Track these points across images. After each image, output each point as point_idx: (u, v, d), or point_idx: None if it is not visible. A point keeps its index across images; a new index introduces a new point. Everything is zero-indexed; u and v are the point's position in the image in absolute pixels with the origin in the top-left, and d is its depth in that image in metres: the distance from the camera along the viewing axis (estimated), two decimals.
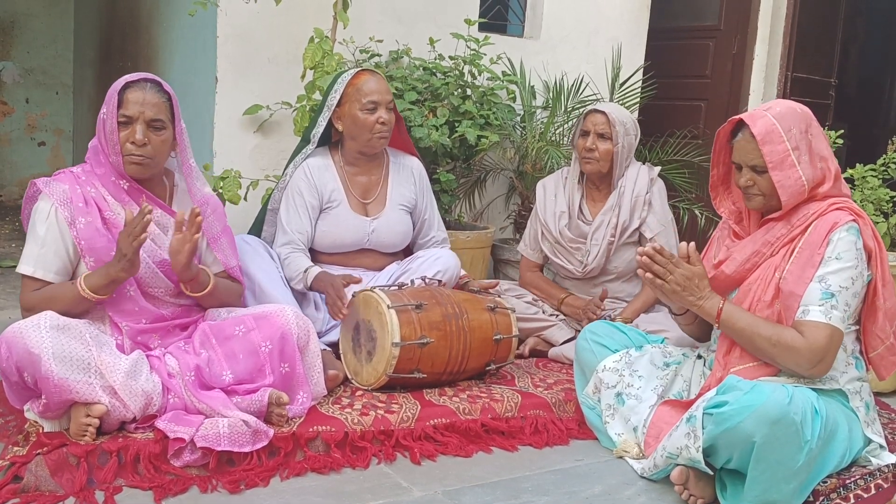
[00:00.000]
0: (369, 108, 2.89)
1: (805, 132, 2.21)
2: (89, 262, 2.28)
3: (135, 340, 2.32)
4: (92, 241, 2.27)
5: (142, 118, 2.28)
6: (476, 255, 3.80)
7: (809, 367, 2.13)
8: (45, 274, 2.27)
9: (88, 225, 2.27)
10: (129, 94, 2.29)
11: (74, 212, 2.27)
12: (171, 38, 4.23)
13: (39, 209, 2.29)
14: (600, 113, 3.21)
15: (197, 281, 2.38)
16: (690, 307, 2.28)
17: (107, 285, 2.24)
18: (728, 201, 2.43)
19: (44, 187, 2.30)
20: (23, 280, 2.30)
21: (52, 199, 2.27)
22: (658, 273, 2.24)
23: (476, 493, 2.13)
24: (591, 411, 2.51)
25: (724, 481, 2.11)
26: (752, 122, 2.21)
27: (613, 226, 3.23)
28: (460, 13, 4.10)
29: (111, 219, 2.32)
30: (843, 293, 2.13)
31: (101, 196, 2.33)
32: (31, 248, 2.29)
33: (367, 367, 2.66)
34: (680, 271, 2.23)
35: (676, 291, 2.24)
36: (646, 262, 2.24)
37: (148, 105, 2.28)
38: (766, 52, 5.36)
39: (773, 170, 2.19)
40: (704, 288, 2.25)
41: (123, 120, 2.28)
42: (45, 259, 2.27)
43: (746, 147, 2.23)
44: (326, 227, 2.98)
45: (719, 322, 2.24)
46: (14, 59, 5.96)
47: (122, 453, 2.06)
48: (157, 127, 2.31)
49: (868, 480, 2.21)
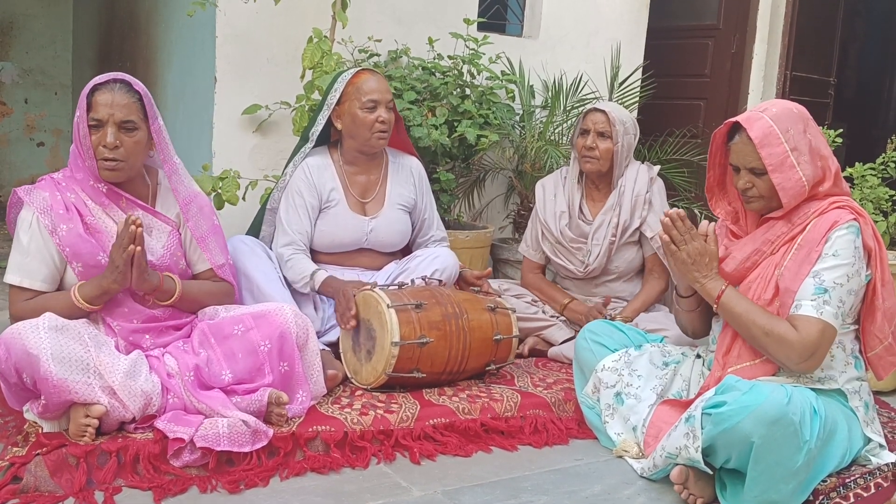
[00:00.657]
0: (369, 107, 2.89)
1: (803, 132, 2.21)
2: (77, 268, 2.27)
3: (127, 340, 2.31)
4: (76, 247, 2.26)
5: (111, 120, 2.24)
6: (475, 255, 3.80)
7: (800, 360, 2.13)
8: (31, 283, 2.26)
9: (70, 231, 2.26)
10: (98, 97, 2.25)
11: (56, 219, 2.26)
12: (169, 39, 4.23)
13: (22, 218, 2.29)
14: (600, 112, 3.21)
15: (160, 290, 2.34)
16: (693, 283, 2.29)
17: (100, 296, 2.25)
18: (724, 202, 2.43)
19: (24, 196, 2.28)
20: (10, 290, 2.29)
21: (32, 207, 2.26)
22: (675, 238, 2.27)
23: (475, 493, 2.13)
24: (591, 411, 2.51)
25: (723, 481, 2.11)
26: (748, 125, 2.20)
27: (614, 225, 3.23)
28: (459, 13, 4.09)
29: (93, 223, 2.30)
30: (836, 289, 2.13)
31: (82, 201, 2.31)
32: (15, 258, 2.28)
33: (366, 367, 2.66)
34: (695, 244, 2.26)
35: (686, 263, 2.26)
36: (668, 223, 2.27)
37: (117, 107, 2.25)
38: (765, 51, 5.36)
39: (773, 172, 2.18)
40: (713, 269, 2.27)
41: (94, 123, 2.25)
42: (31, 268, 2.26)
43: (744, 150, 2.22)
44: (325, 227, 2.98)
45: (718, 304, 2.25)
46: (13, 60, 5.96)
47: (122, 453, 2.06)
48: (129, 128, 2.27)
49: (868, 479, 2.21)
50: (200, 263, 2.51)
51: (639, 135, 3.32)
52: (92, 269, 2.27)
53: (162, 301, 2.36)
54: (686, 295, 2.42)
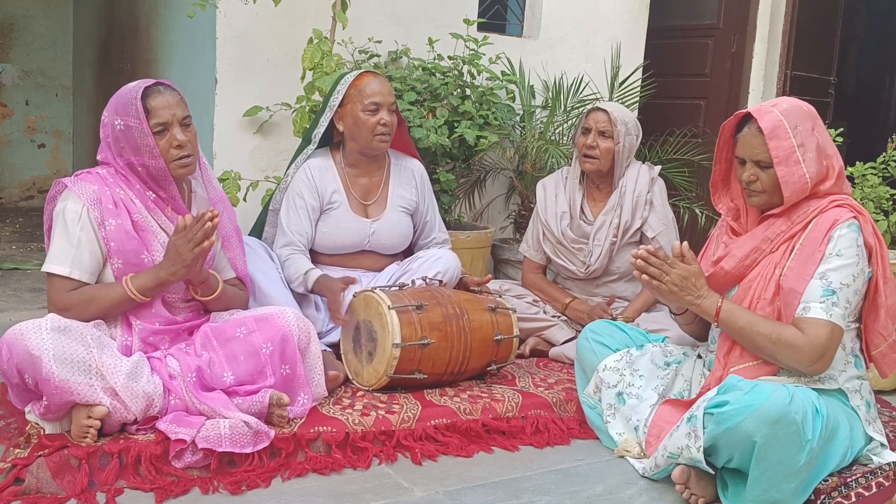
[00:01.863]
0: (371, 110, 2.89)
1: (811, 130, 2.22)
2: (116, 264, 2.28)
3: (145, 341, 2.32)
4: (122, 244, 2.27)
5: (174, 120, 2.30)
6: (476, 255, 3.80)
7: (810, 363, 2.13)
8: (81, 275, 2.25)
9: (118, 227, 2.27)
10: (154, 102, 2.28)
11: (104, 213, 2.27)
12: (170, 40, 4.23)
13: (69, 209, 2.26)
14: (602, 111, 3.21)
15: (207, 284, 2.40)
16: (689, 307, 2.28)
17: (155, 287, 2.27)
18: (726, 198, 2.43)
19: (73, 186, 2.28)
20: (52, 280, 2.25)
21: (82, 198, 2.26)
22: (654, 275, 2.24)
23: (477, 493, 2.13)
24: (592, 411, 2.51)
25: (725, 480, 2.12)
26: (759, 116, 2.21)
27: (616, 226, 3.23)
28: (459, 13, 4.10)
29: (140, 221, 2.32)
30: (844, 290, 2.13)
31: (130, 198, 2.32)
32: (63, 249, 2.25)
33: (367, 368, 2.66)
34: (676, 272, 2.23)
35: (674, 292, 2.24)
36: (641, 265, 2.24)
37: (175, 106, 2.31)
38: (765, 50, 5.36)
39: (779, 165, 2.18)
40: (702, 287, 2.25)
41: (159, 129, 2.28)
42: (81, 259, 2.25)
43: (752, 142, 2.23)
44: (327, 229, 2.99)
45: (718, 320, 2.24)
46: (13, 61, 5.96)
47: (124, 455, 2.06)
48: (187, 123, 2.34)
49: (869, 479, 2.21)
50: (227, 271, 2.54)
51: (641, 136, 3.31)
52: (133, 266, 2.28)
53: (205, 296, 2.40)
54: (679, 312, 2.42)
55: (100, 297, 2.24)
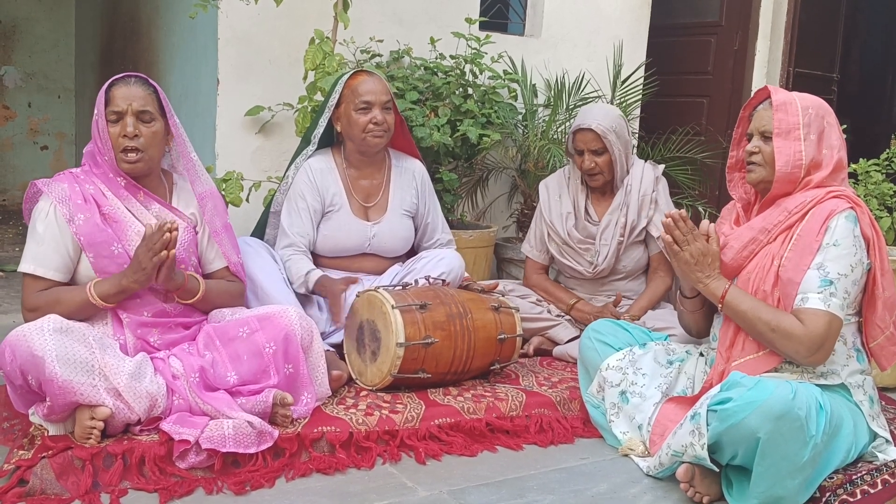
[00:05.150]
0: (362, 109, 2.89)
1: (822, 118, 2.26)
2: (90, 258, 2.29)
3: (135, 334, 2.32)
4: (91, 237, 2.29)
5: (129, 110, 2.31)
6: (479, 254, 3.80)
7: (808, 354, 2.14)
8: (45, 272, 2.28)
9: (87, 221, 2.29)
10: (115, 91, 2.33)
11: (73, 209, 2.29)
12: (172, 42, 4.23)
13: (39, 208, 2.32)
14: (588, 131, 3.12)
15: (185, 289, 2.38)
16: (696, 284, 2.31)
17: (116, 294, 2.27)
18: (740, 188, 2.46)
19: (43, 187, 2.33)
20: (25, 280, 2.30)
21: (51, 197, 2.29)
22: (677, 239, 2.29)
23: (481, 493, 2.13)
24: (596, 410, 2.51)
25: (729, 478, 2.11)
26: (775, 91, 2.28)
27: (622, 225, 3.21)
28: (461, 12, 4.10)
29: (110, 213, 2.33)
30: (841, 280, 2.13)
31: (101, 192, 2.34)
32: (29, 247, 2.30)
33: (371, 368, 2.66)
34: (697, 245, 2.28)
35: (689, 263, 2.28)
36: (670, 224, 2.29)
37: (134, 98, 2.32)
38: (767, 47, 5.35)
39: (778, 136, 2.23)
40: (715, 268, 2.29)
41: (113, 117, 2.31)
42: (45, 256, 2.28)
43: (763, 115, 2.29)
44: (328, 232, 2.98)
45: (723, 303, 2.26)
46: (16, 64, 5.98)
47: (128, 455, 2.06)
48: (146, 119, 2.33)
49: (874, 476, 2.20)
50: (217, 261, 2.54)
51: (632, 128, 3.27)
52: (105, 258, 2.29)
53: (185, 300, 2.40)
54: (691, 296, 2.42)
55: (65, 300, 2.25)
